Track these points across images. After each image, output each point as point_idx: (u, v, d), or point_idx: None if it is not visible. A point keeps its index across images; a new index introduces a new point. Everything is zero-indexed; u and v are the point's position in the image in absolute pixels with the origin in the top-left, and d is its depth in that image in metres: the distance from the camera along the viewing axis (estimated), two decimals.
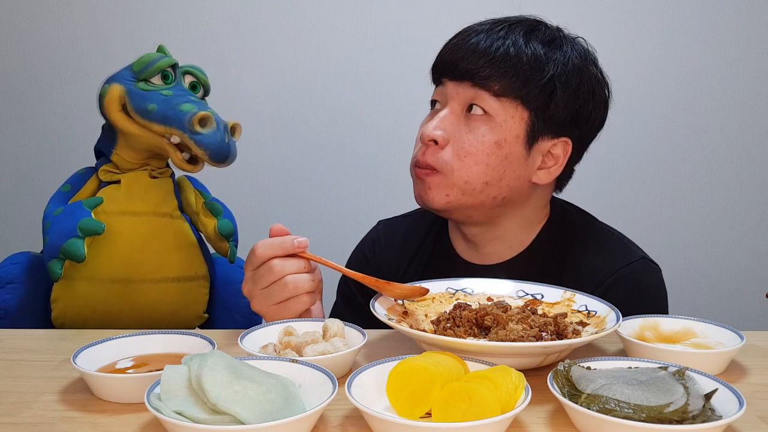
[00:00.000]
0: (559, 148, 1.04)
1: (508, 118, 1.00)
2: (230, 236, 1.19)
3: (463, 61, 1.00)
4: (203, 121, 1.08)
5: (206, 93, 1.20)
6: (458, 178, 1.00)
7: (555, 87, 1.00)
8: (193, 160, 1.14)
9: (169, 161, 1.21)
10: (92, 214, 1.10)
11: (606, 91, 1.07)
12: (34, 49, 1.91)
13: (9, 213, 1.97)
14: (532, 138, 1.01)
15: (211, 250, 1.26)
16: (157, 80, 1.14)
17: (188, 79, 1.18)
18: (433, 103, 1.08)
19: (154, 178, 1.18)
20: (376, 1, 1.95)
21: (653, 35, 1.99)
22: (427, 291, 0.93)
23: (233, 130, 1.13)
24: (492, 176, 1.01)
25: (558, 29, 1.05)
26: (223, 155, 1.11)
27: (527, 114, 1.00)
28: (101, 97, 1.15)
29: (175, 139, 1.10)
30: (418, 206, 1.08)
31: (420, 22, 1.96)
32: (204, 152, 1.09)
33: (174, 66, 1.16)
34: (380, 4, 1.96)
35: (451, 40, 1.05)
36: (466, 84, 1.01)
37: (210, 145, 1.08)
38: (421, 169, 1.03)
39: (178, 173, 1.24)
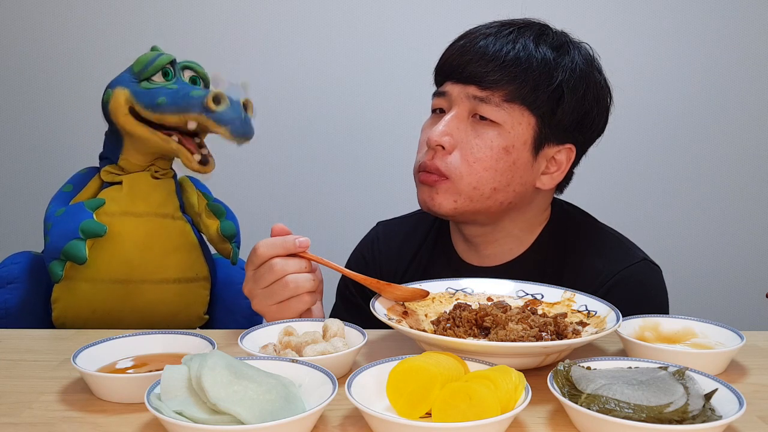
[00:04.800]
0: (563, 154, 1.04)
1: (515, 124, 0.99)
2: (233, 238, 1.19)
3: (471, 65, 0.99)
4: (217, 99, 1.07)
5: (206, 86, 1.20)
6: (467, 185, 0.99)
7: (563, 93, 0.99)
8: (204, 161, 1.14)
9: (173, 163, 1.22)
10: (94, 215, 1.10)
11: (608, 98, 1.07)
12: (35, 49, 1.91)
13: (9, 213, 1.97)
14: (538, 144, 1.01)
15: (213, 251, 1.26)
16: (158, 78, 1.13)
17: (187, 73, 1.17)
18: (435, 109, 1.06)
19: (157, 179, 1.18)
20: (376, 3, 1.95)
21: (653, 34, 1.99)
22: (427, 294, 0.92)
23: (245, 105, 1.12)
24: (500, 182, 1.00)
25: (564, 33, 1.05)
26: (244, 129, 1.10)
27: (534, 120, 1.00)
28: (105, 104, 1.14)
29: (192, 125, 1.09)
30: (418, 207, 1.08)
31: (421, 23, 1.96)
32: (225, 129, 1.08)
33: (173, 62, 1.15)
34: (380, 6, 1.96)
35: (456, 41, 1.04)
36: (472, 88, 0.99)
37: (230, 120, 1.08)
38: (427, 174, 1.02)
39: (180, 174, 1.24)
